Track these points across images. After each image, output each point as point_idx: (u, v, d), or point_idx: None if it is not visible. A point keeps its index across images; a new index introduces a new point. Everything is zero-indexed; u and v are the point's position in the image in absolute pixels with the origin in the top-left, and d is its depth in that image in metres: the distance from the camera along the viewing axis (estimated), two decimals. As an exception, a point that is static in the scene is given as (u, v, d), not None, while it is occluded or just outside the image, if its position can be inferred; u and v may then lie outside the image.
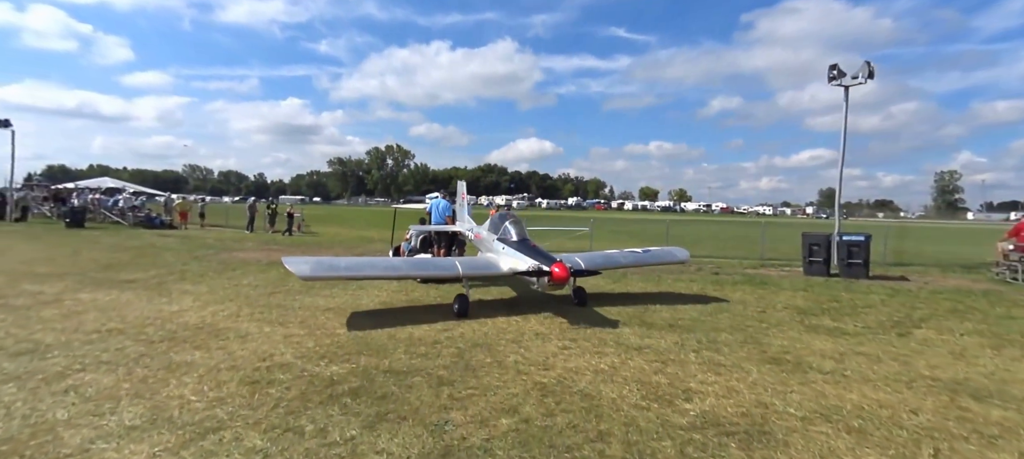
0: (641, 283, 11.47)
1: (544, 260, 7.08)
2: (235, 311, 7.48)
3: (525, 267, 7.13)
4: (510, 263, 7.51)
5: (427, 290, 9.40)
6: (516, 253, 7.58)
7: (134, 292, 8.85)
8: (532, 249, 7.55)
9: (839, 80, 13.98)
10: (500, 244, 8.05)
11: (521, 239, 7.89)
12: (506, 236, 8.05)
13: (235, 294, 8.81)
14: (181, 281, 10.10)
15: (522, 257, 7.39)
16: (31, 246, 15.60)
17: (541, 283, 7.05)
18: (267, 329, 6.41)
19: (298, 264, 7.14)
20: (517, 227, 8.16)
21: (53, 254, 13.84)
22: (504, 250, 7.87)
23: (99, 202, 24.59)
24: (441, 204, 11.61)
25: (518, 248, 7.67)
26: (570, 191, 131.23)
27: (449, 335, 6.20)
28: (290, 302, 8.17)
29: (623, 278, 12.00)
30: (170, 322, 6.79)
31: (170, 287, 9.37)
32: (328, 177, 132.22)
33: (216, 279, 10.39)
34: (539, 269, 6.92)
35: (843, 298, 9.72)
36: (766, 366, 5.15)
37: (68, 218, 22.03)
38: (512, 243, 7.85)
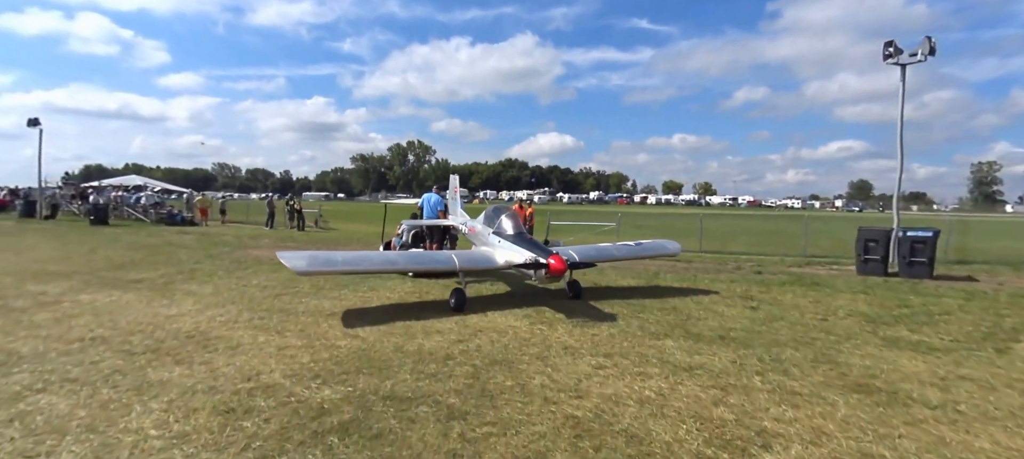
0: (675, 280, 10.44)
1: (540, 252, 7.05)
2: (234, 316, 6.86)
3: (521, 260, 7.09)
4: (506, 256, 7.45)
5: (443, 293, 8.63)
6: (512, 246, 7.47)
7: (137, 293, 8.40)
8: (528, 242, 7.47)
9: (896, 58, 12.59)
10: (495, 238, 7.93)
11: (516, 232, 7.79)
12: (501, 229, 7.94)
13: (239, 296, 8.23)
14: (189, 281, 9.64)
15: (518, 250, 7.30)
16: (51, 243, 15.52)
17: (538, 275, 7.08)
18: (262, 338, 5.72)
19: (294, 259, 6.98)
20: (512, 220, 8.04)
21: (70, 252, 13.67)
22: (500, 243, 7.77)
23: (122, 199, 24.78)
24: (433, 198, 11.31)
25: (513, 241, 7.57)
26: (591, 185, 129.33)
27: (464, 349, 5.39)
28: (295, 306, 7.51)
29: (656, 277, 10.99)
30: (161, 329, 6.21)
31: (175, 288, 8.89)
32: (351, 174, 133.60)
33: (225, 279, 9.89)
34: (536, 261, 6.91)
35: (913, 303, 8.51)
36: (853, 396, 4.14)
37: (92, 215, 22.19)
38: (507, 236, 7.75)
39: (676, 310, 7.62)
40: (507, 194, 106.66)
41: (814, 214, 74.13)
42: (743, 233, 26.07)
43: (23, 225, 21.61)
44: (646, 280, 10.76)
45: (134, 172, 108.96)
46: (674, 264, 13.59)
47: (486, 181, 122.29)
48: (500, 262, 7.55)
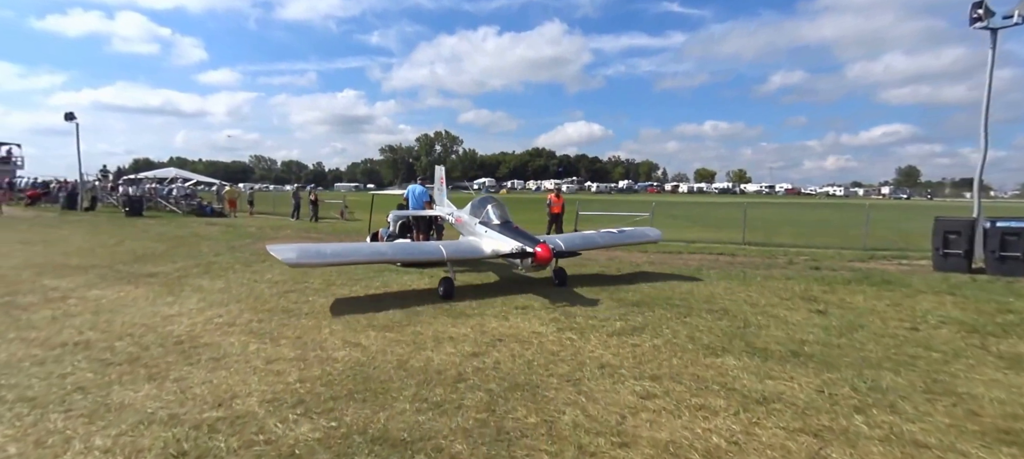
0: (721, 276, 9.26)
1: (527, 242, 7.15)
2: (233, 317, 6.26)
3: (509, 249, 7.19)
4: (493, 245, 7.55)
5: (462, 296, 7.82)
6: (499, 235, 7.55)
7: (148, 288, 8.07)
8: (515, 231, 7.51)
9: (986, 21, 10.86)
10: (482, 227, 8.01)
11: (503, 221, 7.84)
12: (488, 219, 8.02)
13: (248, 293, 7.67)
14: (204, 274, 9.25)
15: (505, 239, 7.40)
16: (83, 235, 15.61)
17: (525, 264, 7.21)
18: (253, 347, 5.04)
19: (284, 251, 6.97)
20: (499, 210, 8.12)
21: (98, 243, 13.63)
22: (487, 233, 7.84)
23: (155, 191, 25.18)
24: (417, 190, 11.32)
25: (500, 230, 7.64)
26: (620, 174, 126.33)
27: (479, 366, 4.53)
28: (300, 306, 6.86)
29: (698, 272, 9.85)
30: (153, 332, 5.66)
31: (187, 283, 8.50)
32: (381, 164, 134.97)
33: (239, 273, 9.43)
34: (523, 250, 7.01)
35: (1017, 307, 7.11)
36: (1003, 450, 3.05)
37: (127, 207, 22.56)
38: (494, 226, 7.82)
39: (729, 314, 6.54)
40: (534, 184, 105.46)
41: (861, 202, 69.88)
42: (787, 223, 24.25)
43: (64, 217, 22.16)
44: (688, 275, 9.64)
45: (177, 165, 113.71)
46: (717, 257, 12.36)
47: (513, 171, 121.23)
48: (487, 251, 7.62)
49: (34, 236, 14.79)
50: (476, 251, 7.80)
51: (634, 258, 12.30)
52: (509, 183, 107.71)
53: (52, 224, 18.78)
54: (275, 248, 7.07)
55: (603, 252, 12.90)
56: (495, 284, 8.45)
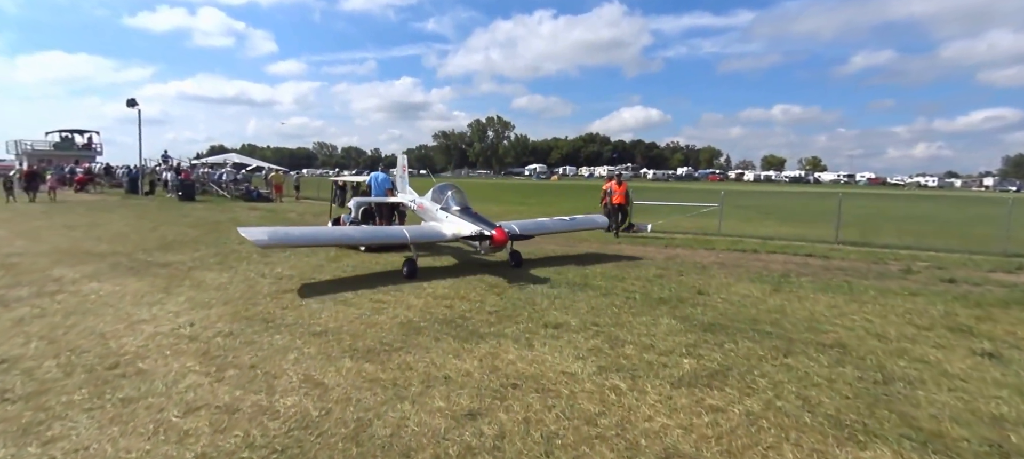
0: (817, 288, 7.12)
1: (485, 226, 7.57)
2: (203, 328, 5.19)
3: (468, 232, 7.63)
4: (454, 229, 7.95)
5: (475, 305, 6.35)
6: (459, 220, 7.95)
7: (149, 281, 7.34)
8: (473, 216, 7.91)
9: None
10: (443, 213, 8.36)
11: (463, 207, 8.21)
12: (448, 205, 8.40)
13: (243, 292, 6.66)
14: (216, 265, 8.50)
15: (465, 223, 7.80)
16: (127, 219, 15.70)
17: (483, 246, 7.67)
18: (187, 381, 3.83)
19: (256, 233, 7.10)
20: (459, 196, 8.52)
21: (135, 229, 13.46)
22: (447, 218, 8.23)
23: (207, 176, 25.77)
24: (379, 177, 11.47)
25: (460, 215, 8.04)
26: (679, 161, 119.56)
27: (471, 442, 3.00)
28: (286, 313, 5.69)
29: (785, 280, 7.73)
30: (102, 346, 4.71)
31: (191, 275, 7.71)
32: (434, 150, 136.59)
33: (254, 264, 8.57)
34: (481, 234, 7.44)
35: None
36: None
37: (180, 192, 23.11)
38: (454, 211, 8.19)
39: (850, 354, 4.59)
40: (586, 170, 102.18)
41: (962, 194, 61.43)
42: (884, 218, 20.73)
43: (123, 201, 23.02)
44: (773, 284, 7.59)
45: (247, 151, 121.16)
46: (806, 260, 10.06)
47: (565, 157, 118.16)
48: (448, 234, 8.01)
49: (82, 220, 14.98)
50: (438, 235, 8.20)
51: (699, 256, 10.28)
52: (561, 169, 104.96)
53: (107, 208, 19.33)
54: (247, 231, 7.15)
55: (663, 250, 10.96)
56: (522, 285, 6.94)
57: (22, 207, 18.69)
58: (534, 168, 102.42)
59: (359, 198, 11.32)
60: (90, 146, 39.25)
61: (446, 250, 10.00)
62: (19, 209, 18.02)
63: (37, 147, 36.65)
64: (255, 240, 6.90)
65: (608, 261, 9.46)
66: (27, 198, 20.74)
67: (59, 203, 20.59)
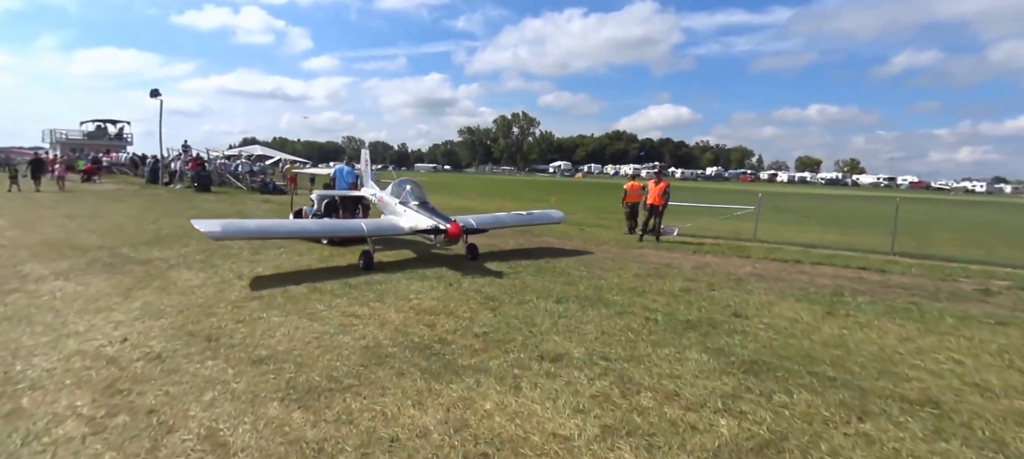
0: (881, 312, 5.80)
1: (441, 220, 7.71)
2: (130, 348, 4.40)
3: (425, 226, 7.75)
4: (411, 222, 8.00)
5: (460, 321, 5.35)
6: (416, 214, 8.04)
7: (117, 281, 6.66)
8: (430, 210, 8.04)
9: None
10: (401, 207, 8.42)
11: (421, 202, 8.31)
12: (407, 199, 8.45)
13: (205, 299, 5.86)
14: (197, 264, 7.73)
15: (421, 217, 7.92)
16: (131, 211, 15.19)
17: (438, 240, 7.81)
18: (70, 426, 2.99)
19: (209, 225, 7.05)
20: (417, 191, 8.63)
21: (135, 221, 13.00)
22: (405, 212, 8.30)
23: (224, 167, 25.58)
24: (344, 170, 11.42)
25: (417, 210, 8.11)
26: (709, 160, 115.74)
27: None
28: (236, 329, 4.82)
29: (839, 300, 6.43)
30: (13, 365, 3.99)
31: (165, 276, 6.96)
32: (459, 146, 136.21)
33: (234, 264, 7.80)
34: (436, 227, 7.58)
35: None
36: None
37: (196, 183, 22.94)
38: (412, 206, 8.26)
39: (948, 418, 3.41)
40: (612, 168, 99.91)
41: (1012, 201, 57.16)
42: (940, 226, 18.73)
43: (141, 191, 22.97)
44: (824, 305, 6.32)
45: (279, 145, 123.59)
46: (859, 274, 8.68)
47: (590, 154, 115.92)
48: (406, 228, 8.03)
49: (86, 211, 14.63)
50: (396, 228, 8.20)
51: (732, 265, 9.02)
52: (586, 167, 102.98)
53: (119, 198, 19.13)
54: (200, 223, 7.05)
55: (691, 257, 9.72)
56: (523, 299, 5.91)
57: (33, 196, 18.61)
58: (558, 165, 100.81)
59: (321, 191, 11.23)
60: (121, 136, 40.05)
61: (443, 258, 9.01)
62: (32, 198, 17.97)
63: (71, 136, 37.55)
64: (207, 232, 6.85)
65: (627, 270, 8.32)
66: (33, 187, 20.29)
67: (70, 192, 20.43)
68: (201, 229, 6.91)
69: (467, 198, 25.12)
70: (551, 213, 10.60)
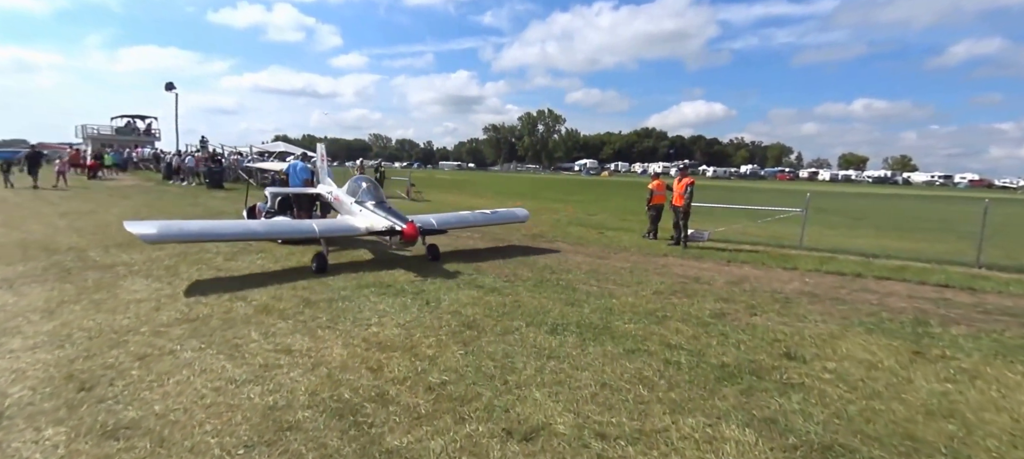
0: (1003, 364, 4.19)
1: (397, 220, 7.35)
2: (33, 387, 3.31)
3: (380, 226, 7.42)
4: (367, 222, 7.63)
5: (418, 362, 4.11)
6: (372, 214, 7.66)
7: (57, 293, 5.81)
8: (387, 210, 7.67)
9: None
10: (357, 206, 8.00)
11: (377, 201, 7.90)
12: (363, 198, 8.02)
13: (126, 323, 4.85)
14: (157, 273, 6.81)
15: (377, 217, 7.55)
16: (127, 208, 14.63)
17: (393, 241, 7.58)
18: None
19: (143, 227, 6.34)
20: (374, 189, 8.19)
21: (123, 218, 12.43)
22: (361, 211, 7.89)
23: (237, 162, 25.29)
24: (298, 166, 10.62)
25: (373, 209, 7.71)
26: (744, 158, 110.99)
27: None
28: (119, 376, 3.77)
29: (924, 325, 4.85)
30: None
31: (110, 287, 6.04)
32: (484, 144, 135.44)
33: (197, 271, 6.94)
34: (392, 228, 7.25)
35: None
36: None
37: (208, 179, 22.69)
38: (368, 205, 7.84)
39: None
40: (640, 166, 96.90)
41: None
42: (1017, 228, 16.28)
43: (154, 187, 22.79)
44: (908, 339, 4.77)
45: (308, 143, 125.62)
46: (943, 295, 6.98)
47: (617, 152, 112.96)
48: (362, 228, 7.62)
49: (85, 207, 14.18)
50: (350, 229, 7.78)
51: (776, 279, 7.49)
52: (612, 165, 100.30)
53: (127, 194, 18.83)
54: (134, 225, 6.39)
55: (725, 268, 8.20)
56: (508, 327, 4.63)
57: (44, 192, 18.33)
58: (584, 163, 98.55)
59: (275, 188, 10.68)
60: (150, 131, 40.86)
61: (430, 268, 7.88)
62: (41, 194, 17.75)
63: (102, 132, 38.47)
64: (140, 234, 6.18)
65: (646, 285, 6.92)
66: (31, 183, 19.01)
67: (77, 188, 20.04)
68: (133, 232, 6.20)
69: (479, 196, 23.96)
70: (516, 212, 10.26)
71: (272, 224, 8.27)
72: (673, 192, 10.75)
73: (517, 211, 10.32)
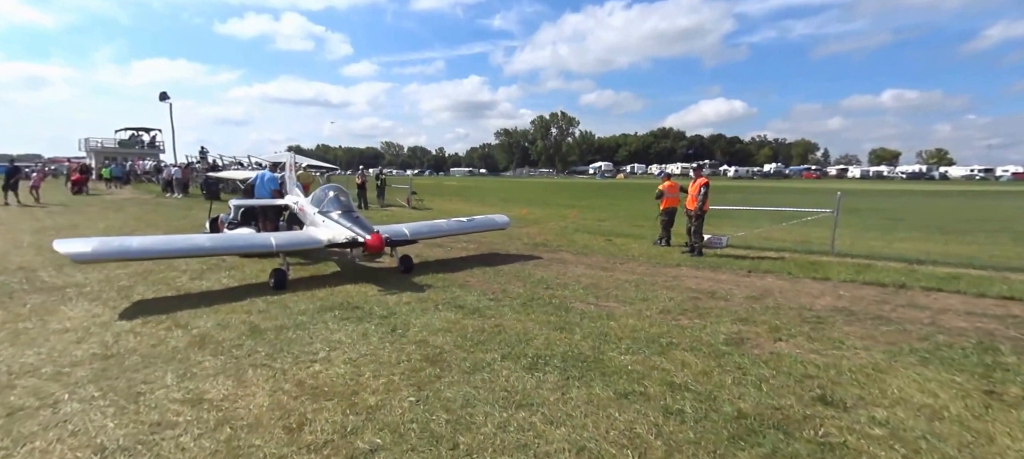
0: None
1: (362, 230, 6.94)
2: None
3: (342, 238, 6.98)
4: (329, 234, 7.15)
5: (351, 411, 3.31)
6: (335, 224, 7.23)
7: None
8: (353, 220, 7.22)
9: None
10: (321, 217, 7.53)
11: (344, 211, 7.41)
12: (327, 208, 7.54)
13: (34, 359, 4.23)
14: (100, 297, 6.19)
15: (340, 228, 7.12)
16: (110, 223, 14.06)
17: (356, 252, 7.24)
18: None
19: (76, 246, 5.72)
20: (340, 198, 7.70)
21: (113, 230, 12.08)
22: (325, 222, 7.41)
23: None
24: (266, 176, 10.04)
25: (338, 219, 7.27)
26: (767, 156, 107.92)
27: None
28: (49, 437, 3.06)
29: (994, 363, 3.84)
30: None
31: (36, 316, 5.39)
32: (496, 149, 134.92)
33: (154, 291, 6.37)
34: (354, 239, 6.86)
35: None
36: None
37: (205, 190, 22.61)
38: (334, 216, 7.36)
39: None
40: (657, 168, 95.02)
41: None
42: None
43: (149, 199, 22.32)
44: (975, 372, 3.79)
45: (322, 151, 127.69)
46: (1008, 310, 5.90)
47: (634, 154, 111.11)
48: (324, 240, 7.07)
49: (69, 222, 13.62)
50: (312, 241, 7.26)
51: (804, 292, 6.51)
52: (628, 167, 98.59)
53: (119, 207, 18.38)
54: (64, 243, 5.77)
55: (744, 279, 7.22)
56: (476, 363, 3.83)
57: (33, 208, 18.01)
58: (599, 166, 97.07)
59: (239, 199, 10.14)
60: (154, 143, 41.26)
61: (408, 284, 7.17)
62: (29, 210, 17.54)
63: (106, 144, 38.97)
64: (71, 254, 5.62)
65: (653, 302, 6.04)
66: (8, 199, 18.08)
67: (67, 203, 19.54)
68: (62, 251, 5.64)
69: (484, 203, 23.19)
70: (495, 219, 9.85)
71: (223, 239, 7.68)
72: (687, 194, 9.79)
73: (496, 218, 9.89)
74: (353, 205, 7.82)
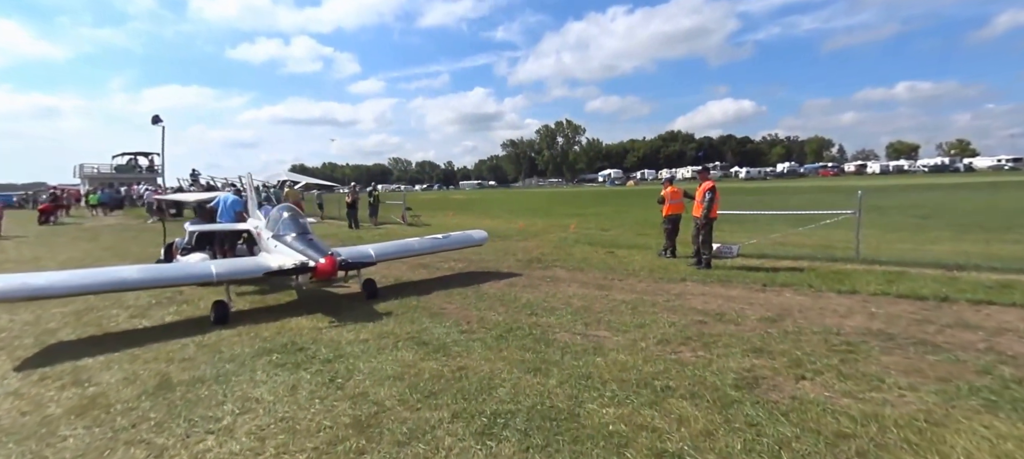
0: None
1: (314, 254, 6.24)
2: None
3: (291, 264, 6.26)
4: (279, 260, 6.51)
5: None
6: (286, 248, 6.60)
7: None
8: (306, 242, 6.57)
9: None
10: (273, 241, 6.93)
11: (298, 233, 6.77)
12: (281, 232, 6.89)
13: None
14: (34, 338, 5.46)
15: (290, 252, 6.48)
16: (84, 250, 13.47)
17: (303, 280, 6.87)
18: None
19: None
20: (295, 220, 7.03)
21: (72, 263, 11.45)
22: (277, 246, 6.80)
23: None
24: (229, 199, 9.43)
25: (291, 243, 6.61)
26: (780, 155, 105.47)
27: None
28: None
29: None
30: None
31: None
32: (503, 160, 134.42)
33: (93, 330, 5.75)
34: (304, 264, 6.18)
35: None
36: None
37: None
38: (287, 239, 6.72)
39: None
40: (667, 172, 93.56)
41: None
42: None
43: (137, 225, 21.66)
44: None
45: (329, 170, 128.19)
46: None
47: (643, 159, 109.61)
48: (274, 266, 6.37)
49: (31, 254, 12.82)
50: (258, 268, 6.48)
51: (830, 309, 5.55)
52: (638, 173, 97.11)
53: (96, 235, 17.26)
54: None
55: (759, 295, 6.24)
56: (414, 418, 2.98)
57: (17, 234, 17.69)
58: (608, 173, 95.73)
59: (195, 222, 9.43)
60: (152, 168, 40.99)
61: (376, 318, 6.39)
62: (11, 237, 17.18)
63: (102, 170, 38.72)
64: None
65: (651, 329, 5.13)
66: None
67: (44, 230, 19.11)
68: None
69: (486, 216, 22.37)
70: (472, 235, 9.24)
71: (155, 271, 6.57)
72: (693, 200, 8.84)
73: (474, 234, 9.33)
74: (308, 227, 7.17)
